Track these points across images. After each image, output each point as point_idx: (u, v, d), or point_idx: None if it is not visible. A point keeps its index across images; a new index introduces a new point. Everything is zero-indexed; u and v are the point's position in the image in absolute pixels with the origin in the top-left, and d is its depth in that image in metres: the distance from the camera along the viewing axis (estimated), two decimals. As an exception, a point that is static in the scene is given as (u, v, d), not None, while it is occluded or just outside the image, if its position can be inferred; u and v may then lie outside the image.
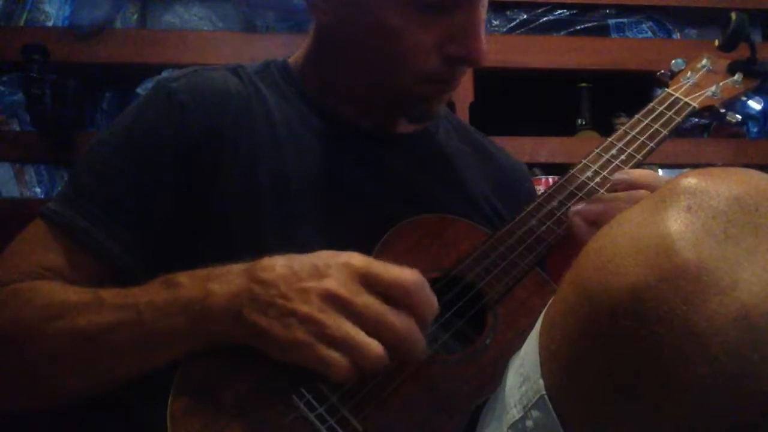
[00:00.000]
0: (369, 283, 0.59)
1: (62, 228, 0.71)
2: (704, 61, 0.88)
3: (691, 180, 0.41)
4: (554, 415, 0.43)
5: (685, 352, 0.36)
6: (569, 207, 0.73)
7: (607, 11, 1.72)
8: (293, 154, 0.77)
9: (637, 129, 0.80)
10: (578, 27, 1.70)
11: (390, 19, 0.71)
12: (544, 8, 1.69)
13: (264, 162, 0.76)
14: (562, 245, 0.71)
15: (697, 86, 0.85)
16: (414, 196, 0.81)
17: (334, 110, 0.82)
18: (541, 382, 0.44)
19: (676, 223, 0.39)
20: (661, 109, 0.81)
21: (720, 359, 0.35)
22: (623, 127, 0.81)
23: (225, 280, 0.61)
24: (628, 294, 0.38)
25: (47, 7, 1.53)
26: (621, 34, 1.71)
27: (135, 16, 1.59)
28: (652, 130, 0.79)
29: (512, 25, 1.66)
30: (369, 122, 0.83)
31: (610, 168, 0.77)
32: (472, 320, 0.67)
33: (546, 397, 0.44)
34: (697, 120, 1.67)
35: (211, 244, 0.72)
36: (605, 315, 0.39)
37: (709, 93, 0.84)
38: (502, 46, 1.59)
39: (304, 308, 0.57)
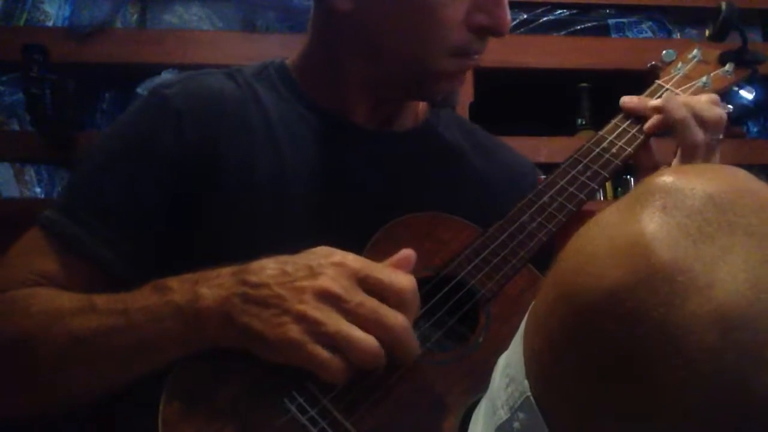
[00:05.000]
0: (363, 283, 0.58)
1: (57, 236, 0.72)
2: (695, 52, 0.87)
3: (665, 179, 0.41)
4: (540, 417, 0.42)
5: (664, 354, 0.36)
6: (560, 202, 0.72)
7: (607, 11, 1.72)
8: (291, 155, 0.77)
9: (628, 122, 0.79)
10: (578, 27, 1.69)
11: None
12: (544, 8, 1.69)
13: (261, 163, 0.75)
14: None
15: (687, 77, 0.84)
16: (414, 193, 0.81)
17: (333, 109, 0.82)
18: (526, 383, 0.44)
19: (652, 223, 0.38)
20: None
21: (699, 360, 0.35)
22: (614, 120, 0.80)
23: (214, 284, 0.61)
24: (606, 296, 0.38)
25: (47, 7, 1.53)
26: (621, 34, 1.71)
27: (135, 16, 1.59)
28: (642, 122, 0.78)
29: (512, 25, 1.66)
30: (369, 120, 0.83)
31: (601, 162, 0.76)
32: (466, 319, 0.66)
33: (531, 398, 0.43)
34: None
35: (208, 246, 0.72)
36: (584, 317, 0.39)
37: (699, 84, 0.82)
38: (502, 46, 1.57)
39: (299, 306, 0.57)
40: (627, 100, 0.81)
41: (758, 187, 0.40)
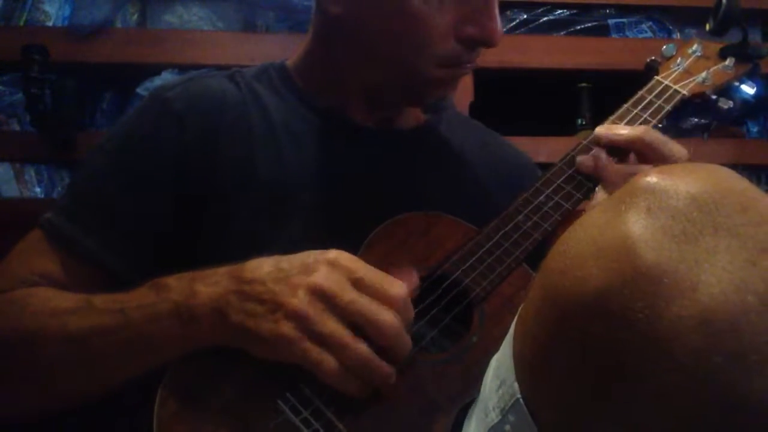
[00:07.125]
0: (356, 283, 0.58)
1: (57, 238, 0.72)
2: (695, 47, 0.86)
3: (650, 179, 0.41)
4: (530, 419, 0.42)
5: (650, 357, 0.35)
6: (556, 201, 0.72)
7: (607, 11, 1.72)
8: (292, 154, 0.77)
9: (626, 119, 0.78)
10: (578, 27, 1.69)
11: (411, 2, 0.71)
12: (544, 8, 1.69)
13: (262, 164, 0.76)
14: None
15: (687, 73, 0.83)
16: (414, 192, 0.81)
17: (334, 109, 0.82)
18: (516, 385, 0.44)
19: (637, 224, 0.38)
20: (650, 97, 0.79)
21: (684, 363, 0.35)
22: (611, 117, 0.79)
23: (211, 281, 0.61)
24: (592, 298, 0.37)
25: (47, 7, 1.53)
26: (621, 34, 1.71)
27: (135, 16, 1.59)
28: (640, 120, 0.77)
29: (512, 25, 1.66)
30: (370, 119, 0.83)
31: None
32: (461, 318, 0.66)
33: (521, 400, 0.43)
34: (697, 120, 1.67)
35: (211, 247, 0.72)
36: (571, 319, 0.39)
37: (699, 79, 0.81)
38: (502, 46, 1.56)
39: (293, 302, 0.57)
40: (603, 132, 0.75)
41: (742, 187, 0.39)
